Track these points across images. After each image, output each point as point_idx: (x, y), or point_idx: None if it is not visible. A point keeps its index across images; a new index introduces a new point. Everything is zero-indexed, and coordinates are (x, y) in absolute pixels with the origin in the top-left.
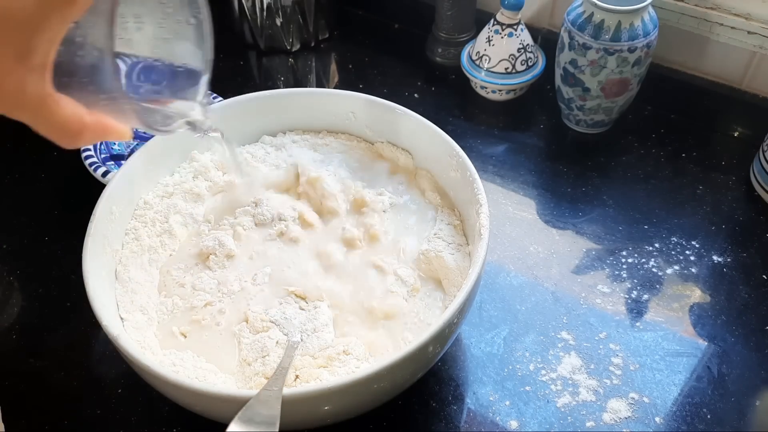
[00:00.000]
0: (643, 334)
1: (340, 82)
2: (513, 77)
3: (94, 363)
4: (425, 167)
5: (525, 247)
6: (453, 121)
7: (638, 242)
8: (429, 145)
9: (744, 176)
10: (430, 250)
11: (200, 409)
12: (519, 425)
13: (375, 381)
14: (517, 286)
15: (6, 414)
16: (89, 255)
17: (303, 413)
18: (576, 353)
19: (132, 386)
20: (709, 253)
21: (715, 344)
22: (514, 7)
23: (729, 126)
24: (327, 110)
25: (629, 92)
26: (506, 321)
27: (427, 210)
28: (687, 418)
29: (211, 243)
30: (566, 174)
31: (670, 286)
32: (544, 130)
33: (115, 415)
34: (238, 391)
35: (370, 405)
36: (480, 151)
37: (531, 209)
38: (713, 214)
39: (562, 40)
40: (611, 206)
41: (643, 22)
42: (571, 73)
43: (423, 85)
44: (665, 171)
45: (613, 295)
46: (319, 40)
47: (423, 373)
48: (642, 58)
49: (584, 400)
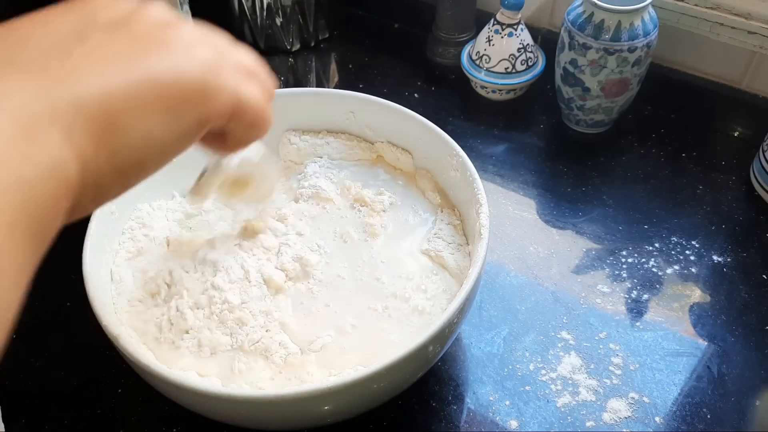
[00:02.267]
0: (643, 333)
1: (340, 82)
2: (513, 77)
3: (94, 363)
4: (425, 167)
5: (525, 247)
6: (453, 121)
7: (638, 242)
8: (429, 145)
9: (744, 176)
10: (430, 250)
11: (200, 409)
12: (519, 425)
13: (375, 381)
14: (517, 285)
15: (6, 414)
16: (89, 255)
17: (303, 413)
18: (576, 353)
19: (132, 386)
20: (709, 253)
21: (715, 344)
22: (514, 7)
23: (729, 126)
24: (326, 110)
25: (629, 92)
26: (506, 321)
27: (427, 210)
28: (687, 417)
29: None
30: (566, 174)
31: (670, 286)
32: (544, 130)
33: (115, 415)
34: (237, 391)
35: (370, 405)
36: (480, 151)
37: (531, 209)
38: (713, 214)
39: (562, 40)
40: (611, 206)
41: (643, 22)
42: (571, 73)
43: (423, 85)
44: (665, 171)
45: (613, 295)
46: (319, 40)
47: (423, 372)
48: (642, 58)
49: (584, 400)
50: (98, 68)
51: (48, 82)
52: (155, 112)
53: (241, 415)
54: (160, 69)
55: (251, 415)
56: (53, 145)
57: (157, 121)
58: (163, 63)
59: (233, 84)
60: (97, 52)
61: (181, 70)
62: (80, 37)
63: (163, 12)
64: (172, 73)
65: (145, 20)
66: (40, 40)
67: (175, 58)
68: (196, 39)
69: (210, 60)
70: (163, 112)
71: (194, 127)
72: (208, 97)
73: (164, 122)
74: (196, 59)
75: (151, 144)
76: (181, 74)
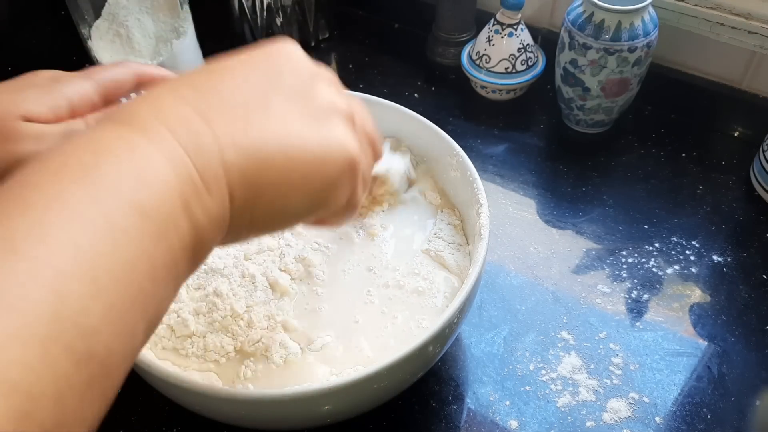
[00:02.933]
0: (643, 333)
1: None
2: (513, 77)
3: None
4: (425, 167)
5: (525, 247)
6: (453, 121)
7: (638, 242)
8: (429, 145)
9: (744, 176)
10: (430, 250)
11: (199, 408)
12: (519, 425)
13: (375, 381)
14: (517, 285)
15: None
16: None
17: (303, 413)
18: (576, 353)
19: (132, 386)
20: (709, 253)
21: (715, 344)
22: (514, 7)
23: (729, 126)
24: None
25: (629, 92)
26: (506, 321)
27: (427, 210)
28: (687, 417)
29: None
30: (566, 174)
31: (670, 286)
32: (544, 130)
33: (115, 415)
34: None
35: (370, 405)
36: (480, 151)
37: (531, 209)
38: (713, 214)
39: (562, 40)
40: (611, 206)
41: (644, 22)
42: (571, 72)
43: (423, 85)
44: (665, 171)
45: (613, 295)
46: (319, 40)
47: (423, 373)
48: (642, 57)
49: (584, 400)
50: (266, 139)
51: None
52: (297, 189)
53: (242, 415)
54: (314, 150)
55: (251, 415)
56: (222, 200)
57: (296, 196)
58: (318, 144)
59: (360, 178)
60: (272, 122)
61: (330, 156)
62: (264, 104)
63: (333, 90)
64: (321, 156)
65: (319, 98)
66: (234, 102)
67: (328, 144)
68: (351, 127)
69: (353, 153)
70: (302, 191)
71: (321, 208)
72: (341, 185)
73: (300, 199)
74: (344, 150)
75: (284, 214)
76: (328, 160)
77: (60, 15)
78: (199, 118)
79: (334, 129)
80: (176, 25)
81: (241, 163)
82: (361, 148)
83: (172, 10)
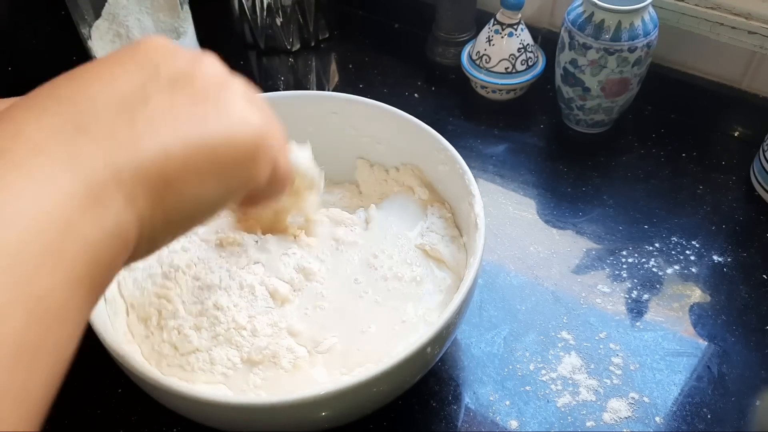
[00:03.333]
0: (643, 333)
1: (340, 82)
2: (513, 77)
3: (94, 363)
4: (412, 163)
5: (525, 247)
6: (453, 121)
7: (638, 242)
8: (415, 141)
9: (744, 176)
10: (424, 244)
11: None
12: (519, 425)
13: (373, 385)
14: (517, 285)
15: None
16: None
17: (299, 419)
18: (576, 353)
19: (132, 386)
20: (709, 253)
21: (715, 344)
22: (514, 7)
23: (729, 126)
24: (308, 112)
25: (629, 92)
26: (506, 321)
27: (417, 205)
28: (687, 417)
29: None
30: (566, 174)
31: (670, 285)
32: (544, 130)
33: (115, 415)
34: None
35: (369, 408)
36: (480, 151)
37: (531, 209)
38: (713, 214)
39: (562, 40)
40: (611, 206)
41: (644, 22)
42: (571, 72)
43: (423, 85)
44: (665, 171)
45: (613, 295)
46: (319, 40)
47: (422, 374)
48: (642, 57)
49: (584, 400)
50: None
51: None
52: (208, 176)
53: (241, 422)
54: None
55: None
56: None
57: (209, 184)
58: (219, 128)
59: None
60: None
61: (235, 136)
62: (144, 98)
63: (218, 69)
64: (226, 139)
65: (203, 79)
66: (107, 103)
67: (230, 123)
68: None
69: (260, 126)
70: (215, 176)
71: (241, 189)
72: (257, 161)
73: (215, 185)
74: (249, 125)
75: (201, 204)
76: (235, 140)
77: (60, 15)
78: (71, 128)
79: (231, 105)
80: (176, 25)
81: (133, 165)
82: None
83: (172, 10)
